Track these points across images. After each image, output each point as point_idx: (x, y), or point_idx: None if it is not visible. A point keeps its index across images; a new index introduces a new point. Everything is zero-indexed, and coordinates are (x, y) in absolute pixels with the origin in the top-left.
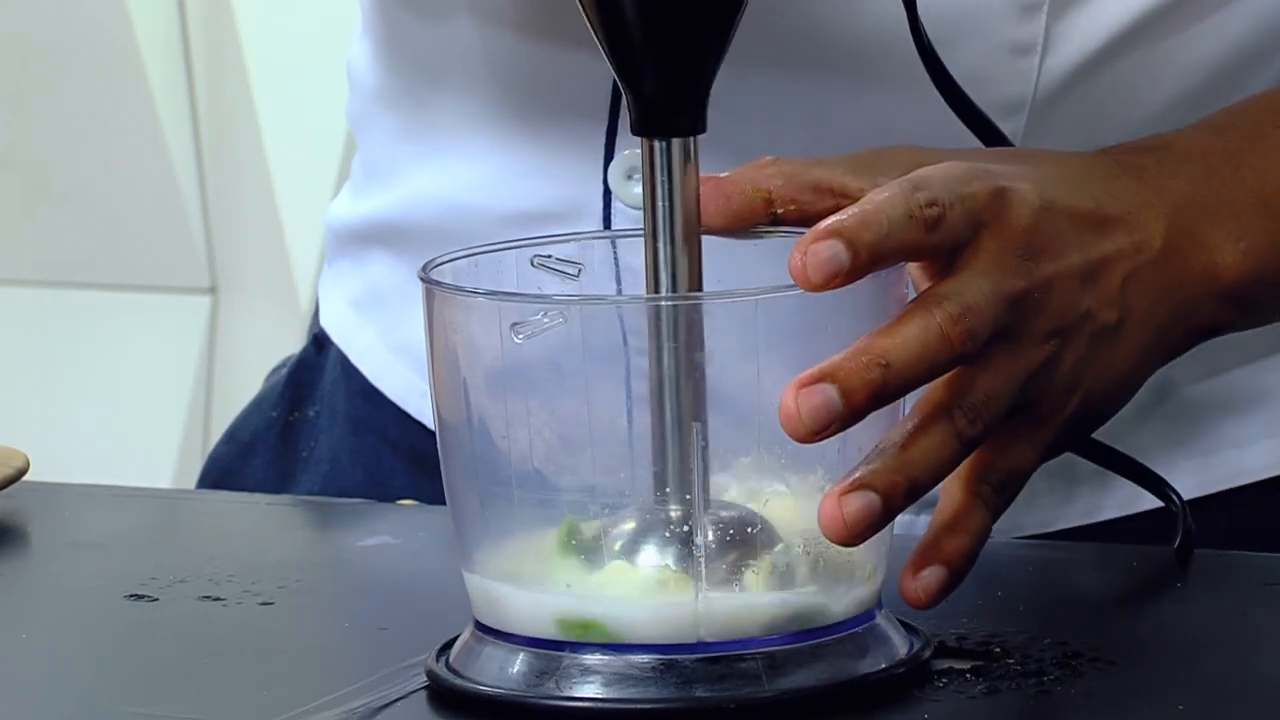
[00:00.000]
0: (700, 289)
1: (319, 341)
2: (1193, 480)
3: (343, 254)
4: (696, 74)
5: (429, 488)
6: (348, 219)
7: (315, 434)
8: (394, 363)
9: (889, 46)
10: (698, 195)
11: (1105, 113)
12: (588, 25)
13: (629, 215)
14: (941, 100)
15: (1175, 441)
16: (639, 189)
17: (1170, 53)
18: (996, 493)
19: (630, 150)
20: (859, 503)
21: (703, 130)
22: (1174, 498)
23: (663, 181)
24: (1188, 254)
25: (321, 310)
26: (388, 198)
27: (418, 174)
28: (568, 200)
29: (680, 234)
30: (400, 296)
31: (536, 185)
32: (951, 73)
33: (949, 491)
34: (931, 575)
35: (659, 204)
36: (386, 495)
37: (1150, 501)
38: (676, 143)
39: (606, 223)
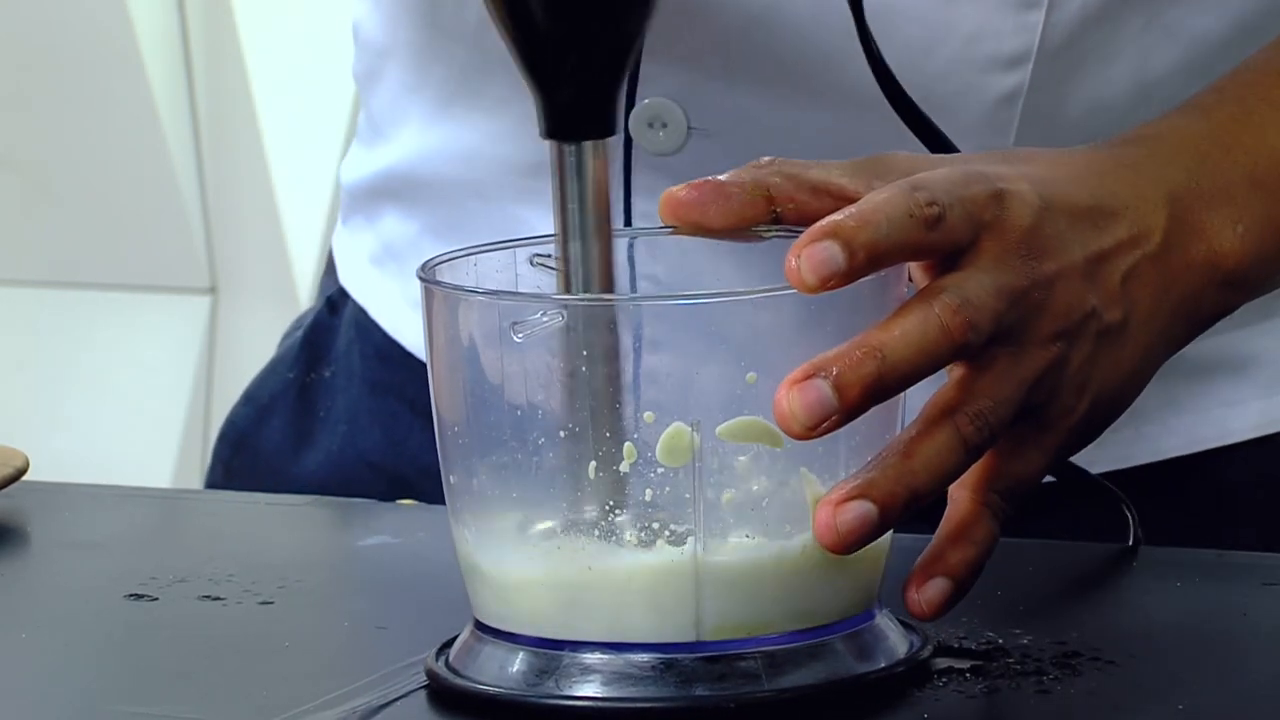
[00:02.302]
0: (610, 290)
1: (332, 303)
2: (1183, 439)
3: (356, 211)
4: (608, 77)
5: None
6: (359, 176)
7: (332, 394)
8: (413, 316)
9: (848, 62)
10: (608, 197)
11: (1108, 74)
12: (498, 30)
13: (649, 164)
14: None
15: (1168, 400)
16: (661, 136)
17: (1175, 21)
18: (1005, 501)
19: (652, 99)
20: (855, 512)
21: (614, 133)
22: (1129, 513)
23: (573, 184)
24: (1188, 245)
25: (339, 268)
26: (397, 151)
27: (432, 127)
28: None
29: (592, 234)
30: (416, 251)
31: None
32: (958, 26)
33: (956, 500)
34: (935, 588)
35: (570, 206)
36: (405, 453)
37: (1138, 459)
38: (588, 145)
39: (627, 171)
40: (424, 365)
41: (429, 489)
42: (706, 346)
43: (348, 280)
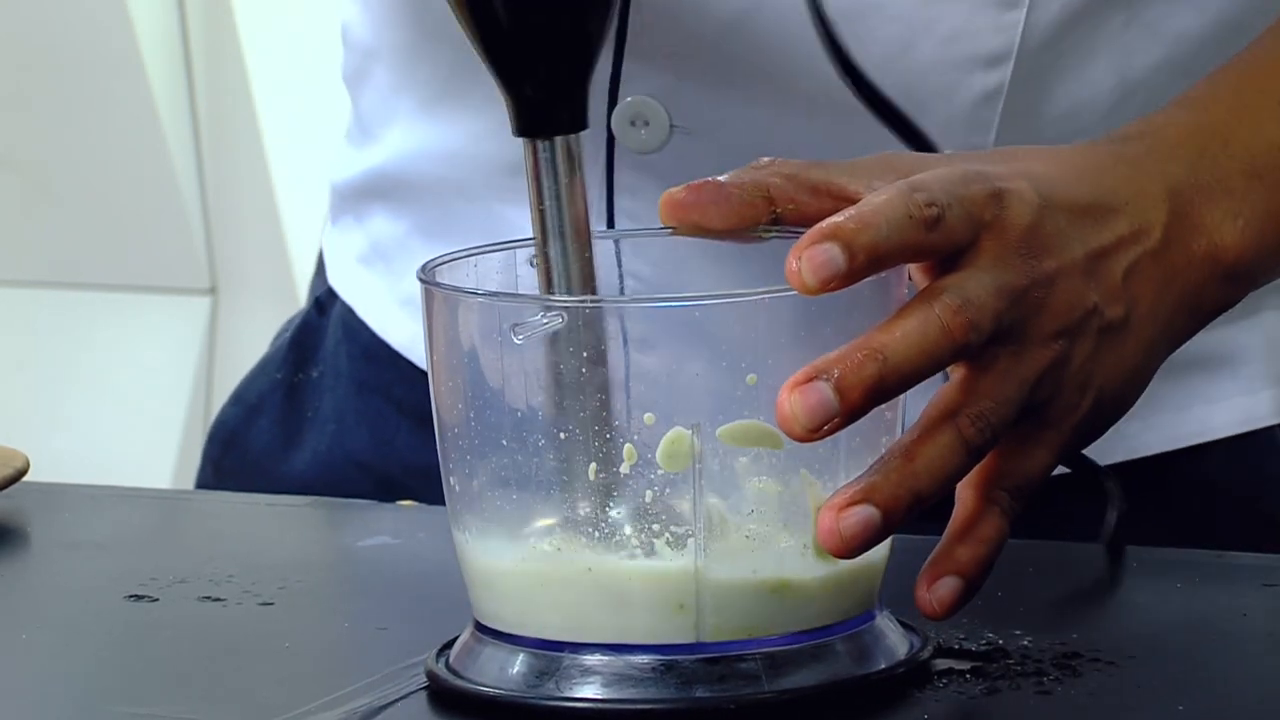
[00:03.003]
0: (594, 291)
1: (320, 304)
2: (1164, 436)
3: (345, 211)
4: (575, 71)
5: (434, 445)
6: (347, 176)
7: (320, 394)
8: (400, 315)
9: (830, 61)
10: (584, 193)
11: (1089, 73)
12: (463, 28)
13: (631, 162)
14: (875, 121)
15: (1150, 398)
16: (644, 134)
17: (1156, 19)
18: (1012, 499)
19: (634, 97)
20: (858, 517)
21: (584, 127)
22: (1111, 487)
23: (549, 183)
24: (1188, 239)
25: (328, 268)
26: (385, 151)
27: (418, 127)
28: None
29: (570, 233)
30: (404, 251)
31: None
32: (938, 25)
33: (963, 499)
34: (946, 586)
35: (546, 205)
36: (392, 453)
37: (1118, 456)
38: (559, 141)
39: (610, 169)
40: (411, 365)
41: (416, 488)
42: (707, 347)
43: (336, 280)
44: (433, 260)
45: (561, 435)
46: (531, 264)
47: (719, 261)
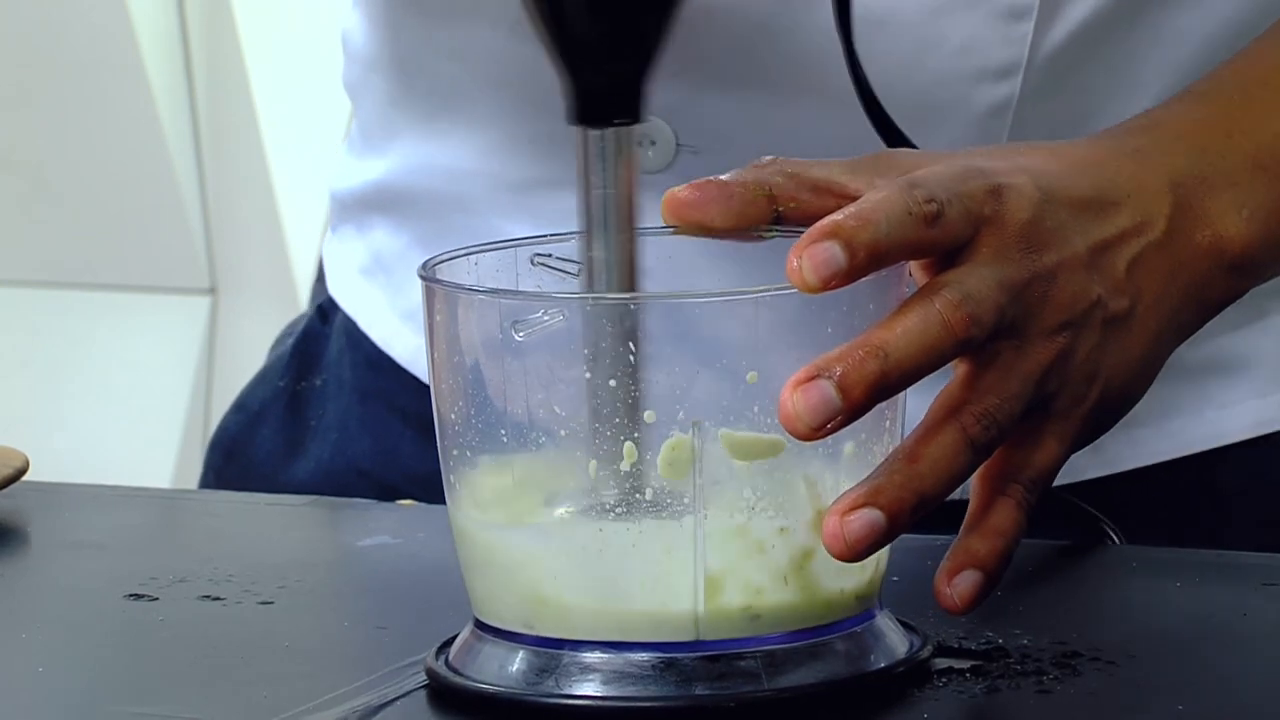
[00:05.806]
0: (634, 283)
1: (323, 311)
2: (1176, 441)
3: (346, 220)
4: (641, 61)
5: (437, 454)
6: (349, 185)
7: (323, 403)
8: (402, 328)
9: (839, 79)
10: (633, 185)
11: (1101, 81)
12: (527, 12)
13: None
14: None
15: (1161, 403)
16: (650, 154)
17: (1165, 27)
18: (1026, 490)
19: None
20: (862, 520)
21: (643, 119)
22: (1113, 536)
23: (601, 170)
24: (1192, 231)
25: (328, 278)
26: (386, 164)
27: (419, 140)
28: (572, 166)
29: (619, 223)
30: (405, 264)
31: (541, 151)
32: (949, 38)
33: (977, 492)
34: (966, 580)
35: (595, 193)
36: (395, 461)
37: (1130, 462)
38: (616, 132)
39: None
40: (414, 375)
41: (419, 497)
42: (707, 346)
43: (337, 290)
44: (432, 258)
45: (562, 433)
46: (533, 262)
47: (720, 260)
